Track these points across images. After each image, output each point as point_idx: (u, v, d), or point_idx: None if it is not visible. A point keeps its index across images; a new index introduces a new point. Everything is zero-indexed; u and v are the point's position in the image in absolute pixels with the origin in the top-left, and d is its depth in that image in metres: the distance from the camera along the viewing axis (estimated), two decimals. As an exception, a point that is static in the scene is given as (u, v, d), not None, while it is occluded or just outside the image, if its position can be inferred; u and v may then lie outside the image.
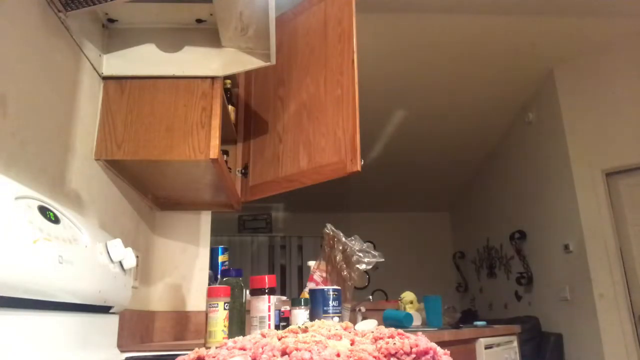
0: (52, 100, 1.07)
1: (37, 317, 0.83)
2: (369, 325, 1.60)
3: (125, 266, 1.13)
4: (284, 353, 0.44)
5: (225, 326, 1.16)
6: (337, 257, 1.67)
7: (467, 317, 3.74)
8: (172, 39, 1.38)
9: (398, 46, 3.39)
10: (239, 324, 1.30)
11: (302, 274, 5.85)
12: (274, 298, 1.25)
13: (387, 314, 2.02)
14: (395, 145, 4.75)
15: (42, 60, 1.03)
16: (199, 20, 1.38)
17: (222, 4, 1.27)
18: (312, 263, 1.76)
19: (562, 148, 3.63)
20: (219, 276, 1.62)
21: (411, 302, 2.26)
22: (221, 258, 1.69)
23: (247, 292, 1.36)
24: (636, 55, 3.35)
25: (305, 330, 0.52)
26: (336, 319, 1.27)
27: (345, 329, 0.53)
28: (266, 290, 1.25)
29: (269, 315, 1.22)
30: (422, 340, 0.47)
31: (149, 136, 1.31)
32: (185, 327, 1.76)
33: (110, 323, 1.12)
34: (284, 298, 1.48)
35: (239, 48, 1.39)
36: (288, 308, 1.35)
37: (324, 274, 1.68)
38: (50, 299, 0.85)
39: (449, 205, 6.51)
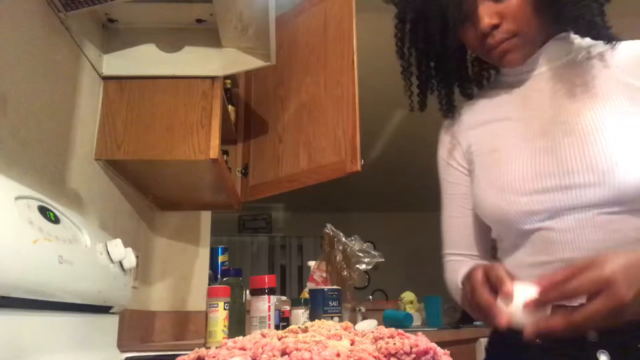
0: (52, 100, 1.07)
1: (37, 317, 0.83)
2: (369, 325, 1.60)
3: (125, 266, 1.13)
4: (284, 353, 0.44)
5: (225, 326, 1.16)
6: (337, 257, 1.67)
7: (467, 317, 3.73)
8: (172, 39, 1.38)
9: (398, 46, 3.39)
10: (239, 324, 1.30)
11: (302, 274, 5.86)
12: (274, 298, 1.25)
13: (387, 314, 2.02)
14: (395, 145, 4.75)
15: (42, 60, 1.03)
16: (199, 20, 1.38)
17: (222, 4, 1.27)
18: (312, 263, 1.76)
19: (562, 148, 3.63)
20: (219, 276, 1.62)
21: (411, 302, 2.26)
22: (221, 258, 1.69)
23: (247, 292, 1.36)
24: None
25: (305, 330, 0.52)
26: (336, 319, 1.27)
27: (345, 329, 0.53)
28: (266, 290, 1.25)
29: (269, 315, 1.22)
30: (422, 340, 0.47)
31: (149, 136, 1.31)
32: (185, 327, 1.76)
33: (110, 323, 1.12)
34: (284, 298, 1.48)
35: (239, 48, 1.39)
36: (288, 308, 1.35)
37: (324, 274, 1.69)
38: (50, 299, 0.85)
39: (449, 205, 6.50)
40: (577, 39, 0.84)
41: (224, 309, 1.17)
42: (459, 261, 0.93)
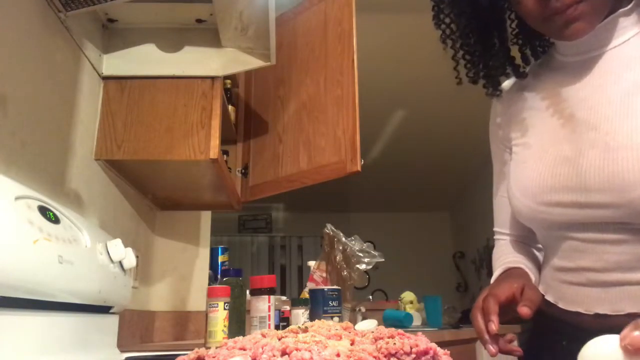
0: (52, 100, 1.07)
1: (36, 317, 0.83)
2: (369, 325, 1.60)
3: (125, 266, 1.13)
4: (284, 353, 0.44)
5: (225, 326, 1.16)
6: (337, 257, 1.67)
7: (467, 317, 3.73)
8: (172, 39, 1.38)
9: (399, 46, 3.39)
10: (239, 324, 1.30)
11: (302, 274, 5.85)
12: (274, 298, 1.25)
13: (387, 314, 2.02)
14: (395, 145, 4.75)
15: (42, 61, 1.03)
16: (199, 20, 1.38)
17: (222, 4, 1.27)
18: (312, 263, 1.76)
19: (562, 148, 3.62)
20: (219, 276, 1.62)
21: (411, 302, 2.26)
22: (221, 258, 1.69)
23: (247, 292, 1.36)
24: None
25: (305, 330, 0.52)
26: (336, 319, 1.27)
27: (345, 329, 0.53)
28: (266, 290, 1.25)
29: (269, 315, 1.22)
30: (422, 340, 0.47)
31: (149, 136, 1.31)
32: (185, 327, 1.77)
33: (110, 323, 1.12)
34: (284, 298, 1.48)
35: (239, 48, 1.39)
36: (288, 308, 1.35)
37: (324, 274, 1.69)
38: (50, 299, 0.85)
39: (449, 205, 6.51)
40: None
41: (224, 309, 1.17)
42: (503, 241, 0.93)
